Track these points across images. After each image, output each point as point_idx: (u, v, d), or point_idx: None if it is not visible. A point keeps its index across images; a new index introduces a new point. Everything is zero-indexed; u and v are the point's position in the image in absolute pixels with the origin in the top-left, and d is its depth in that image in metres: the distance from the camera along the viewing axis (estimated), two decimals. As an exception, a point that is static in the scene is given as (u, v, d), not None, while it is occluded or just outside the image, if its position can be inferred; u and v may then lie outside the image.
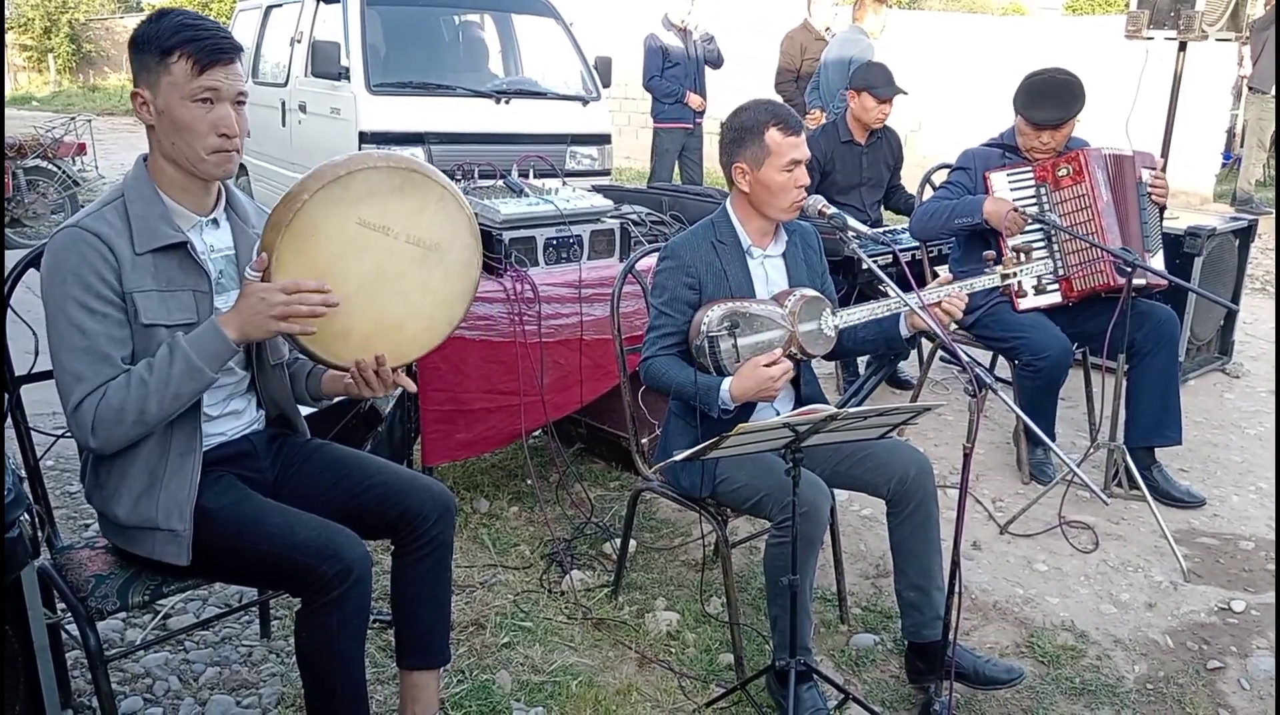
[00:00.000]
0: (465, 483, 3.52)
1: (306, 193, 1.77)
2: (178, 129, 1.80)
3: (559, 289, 3.14)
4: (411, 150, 5.56)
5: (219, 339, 1.77)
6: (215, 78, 1.79)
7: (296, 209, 1.76)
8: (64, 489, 3.39)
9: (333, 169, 1.80)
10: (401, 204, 1.87)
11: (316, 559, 1.80)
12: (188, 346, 1.76)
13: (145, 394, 1.74)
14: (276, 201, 1.81)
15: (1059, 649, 2.67)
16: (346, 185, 1.80)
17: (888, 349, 2.57)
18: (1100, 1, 19.70)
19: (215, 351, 1.77)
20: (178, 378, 1.75)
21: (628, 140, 8.49)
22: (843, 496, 3.30)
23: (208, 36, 1.79)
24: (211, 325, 1.78)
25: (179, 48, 1.77)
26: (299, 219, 1.76)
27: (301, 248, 1.79)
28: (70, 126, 8.33)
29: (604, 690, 2.43)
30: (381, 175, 1.83)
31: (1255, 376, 4.94)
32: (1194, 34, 4.21)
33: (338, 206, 1.80)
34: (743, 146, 2.39)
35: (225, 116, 1.81)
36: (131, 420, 1.75)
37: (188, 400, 1.79)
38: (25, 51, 23.99)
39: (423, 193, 1.90)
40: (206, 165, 1.84)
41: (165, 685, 2.42)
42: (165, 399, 1.75)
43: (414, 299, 1.94)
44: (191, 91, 1.78)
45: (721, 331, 2.27)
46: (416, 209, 1.89)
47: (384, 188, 1.84)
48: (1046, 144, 3.46)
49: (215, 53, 1.78)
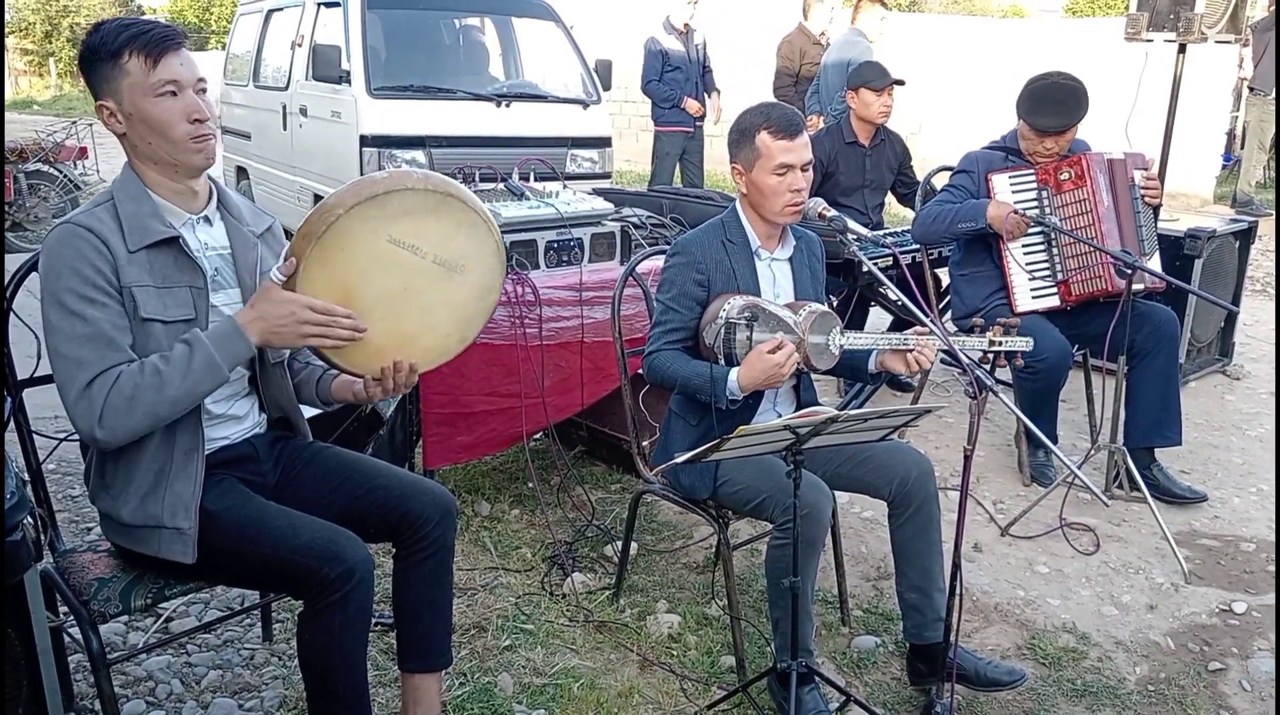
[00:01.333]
0: (466, 485, 3.52)
1: (342, 207, 1.77)
2: (151, 127, 1.81)
3: (560, 292, 3.14)
4: (412, 153, 5.58)
5: (241, 340, 1.77)
6: (171, 68, 1.80)
7: (331, 222, 1.76)
8: (66, 492, 3.40)
9: (371, 185, 1.80)
10: (434, 225, 1.88)
11: (319, 561, 1.80)
12: (210, 344, 1.76)
13: (160, 384, 1.73)
14: (279, 207, 1.81)
15: (1060, 651, 2.67)
16: (383, 204, 1.80)
17: (852, 376, 2.59)
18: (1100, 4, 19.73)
19: (236, 352, 1.78)
20: (197, 373, 1.75)
21: (628, 143, 8.50)
22: (844, 498, 3.31)
23: (150, 28, 1.82)
24: (234, 326, 1.78)
25: (126, 46, 1.79)
26: (331, 232, 1.77)
27: (330, 259, 1.79)
28: (71, 130, 8.34)
29: (606, 693, 2.43)
30: (419, 197, 1.84)
31: (1256, 378, 4.94)
32: (1193, 36, 4.21)
33: (371, 223, 1.81)
34: (739, 148, 2.41)
35: (193, 102, 1.82)
36: (142, 411, 1.73)
37: (199, 399, 1.79)
38: (26, 56, 24.04)
39: (457, 216, 1.90)
40: (188, 154, 1.84)
41: (167, 688, 2.42)
42: (180, 393, 1.75)
43: (433, 315, 1.95)
44: (153, 86, 1.79)
45: (741, 321, 2.28)
46: (449, 231, 1.90)
47: (420, 209, 1.85)
48: (1050, 149, 3.46)
49: (162, 41, 1.80)
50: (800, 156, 2.36)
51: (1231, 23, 4.32)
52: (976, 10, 22.18)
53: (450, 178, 1.97)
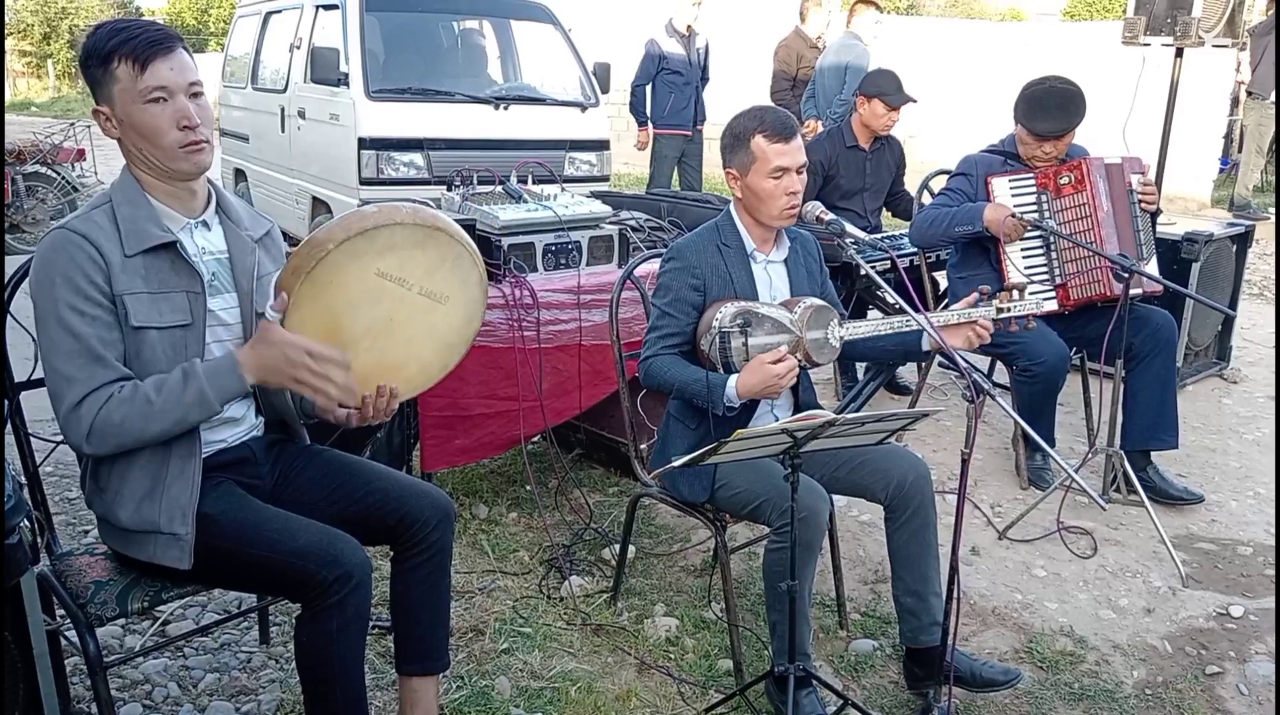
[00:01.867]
0: (464, 488, 3.52)
1: (332, 242, 1.79)
2: (141, 134, 1.81)
3: (558, 295, 3.14)
4: (410, 156, 5.58)
5: (236, 379, 1.79)
6: (159, 74, 1.78)
7: (320, 257, 1.78)
8: (63, 495, 3.39)
9: (360, 220, 1.82)
10: (421, 258, 1.91)
11: (316, 564, 1.80)
12: (204, 378, 1.77)
13: (150, 413, 1.75)
14: (277, 210, 1.82)
15: (1058, 654, 2.67)
16: (372, 239, 1.82)
17: (904, 359, 2.58)
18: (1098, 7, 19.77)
19: (229, 388, 1.79)
20: (187, 405, 1.77)
21: (626, 146, 8.49)
22: (841, 502, 3.31)
23: (139, 32, 1.80)
24: (231, 363, 1.79)
25: (115, 52, 1.78)
26: (321, 267, 1.79)
27: (320, 294, 1.81)
28: (70, 132, 8.33)
29: (603, 696, 2.43)
30: (407, 231, 1.87)
31: (1253, 382, 4.95)
32: (1191, 40, 4.22)
33: (361, 258, 1.83)
34: (733, 153, 2.41)
35: (183, 108, 1.81)
36: (132, 436, 1.76)
37: (188, 427, 1.81)
38: (25, 57, 24.03)
39: (441, 249, 1.93)
40: (178, 162, 1.84)
41: (164, 691, 2.41)
42: (169, 423, 1.77)
43: (417, 345, 1.99)
44: (141, 92, 1.78)
45: (734, 328, 2.28)
46: (434, 263, 1.93)
47: (407, 242, 1.88)
48: (1049, 153, 3.47)
49: (150, 45, 1.78)
50: (795, 159, 2.36)
51: (1229, 26, 4.34)
52: (974, 13, 22.22)
53: (448, 180, 1.98)
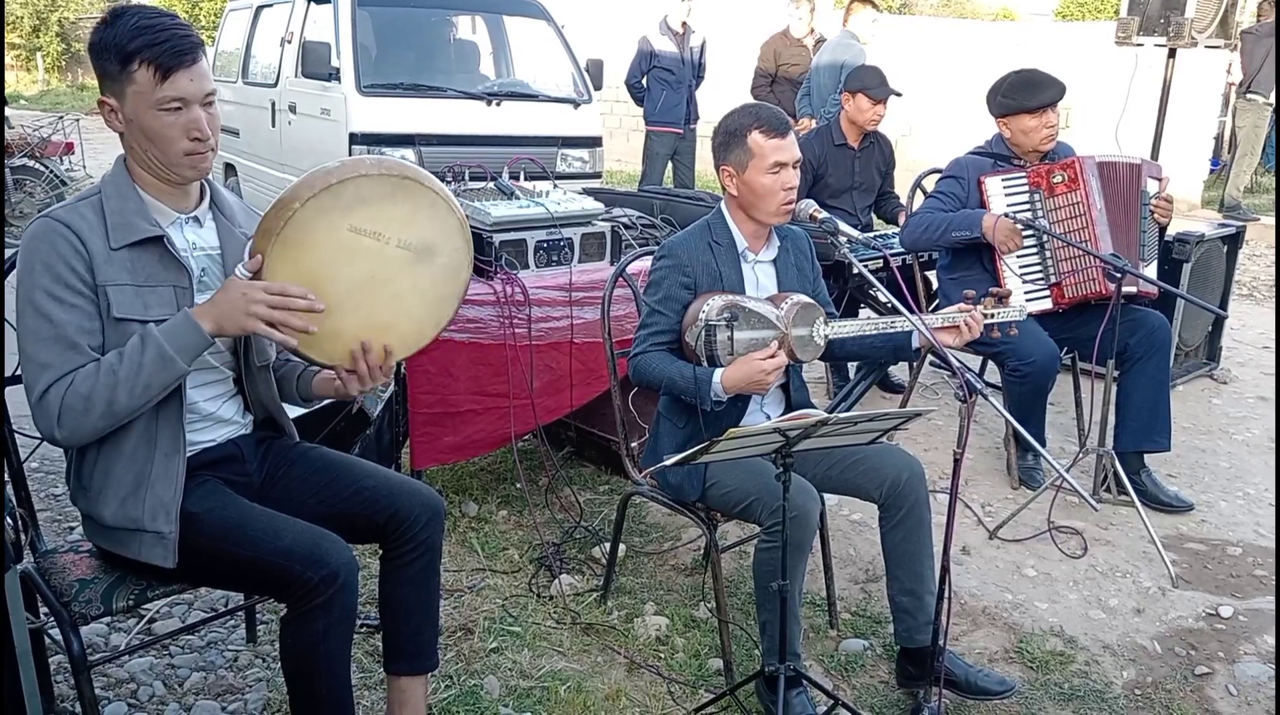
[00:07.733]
0: (454, 486, 3.50)
1: (298, 201, 1.76)
2: (149, 138, 1.78)
3: (549, 292, 3.13)
4: (402, 152, 5.55)
5: (193, 330, 1.74)
6: (180, 85, 1.75)
7: (288, 217, 1.75)
8: (48, 491, 3.37)
9: (324, 176, 1.78)
10: (393, 210, 1.86)
11: (301, 565, 1.78)
12: (160, 336, 1.73)
13: (114, 382, 1.70)
14: (267, 204, 1.80)
15: (1048, 655, 2.67)
16: (338, 194, 1.79)
17: (894, 358, 2.58)
18: (1091, 8, 19.82)
19: (189, 342, 1.74)
20: (149, 367, 1.71)
21: (619, 143, 8.49)
22: (832, 501, 3.30)
23: (167, 39, 1.74)
24: (185, 315, 1.75)
25: (138, 54, 1.73)
26: (290, 227, 1.76)
27: (293, 253, 1.78)
28: (58, 125, 8.28)
29: (592, 695, 2.41)
30: (373, 183, 1.82)
31: (1243, 382, 4.96)
32: (1183, 41, 4.23)
33: (329, 214, 1.79)
34: (728, 150, 2.40)
35: (196, 120, 1.78)
36: (100, 410, 1.71)
37: (159, 392, 1.75)
38: (13, 50, 23.88)
39: (415, 198, 1.88)
40: (181, 169, 1.82)
41: (150, 690, 2.39)
42: (136, 389, 1.72)
43: (404, 301, 1.93)
44: (158, 101, 1.75)
45: (720, 322, 2.27)
46: (408, 214, 1.88)
47: (376, 194, 1.83)
48: (1051, 124, 3.48)
49: (177, 56, 1.74)
50: (792, 154, 2.37)
51: (1221, 27, 4.35)
52: (967, 13, 22.25)
53: (440, 176, 1.96)
